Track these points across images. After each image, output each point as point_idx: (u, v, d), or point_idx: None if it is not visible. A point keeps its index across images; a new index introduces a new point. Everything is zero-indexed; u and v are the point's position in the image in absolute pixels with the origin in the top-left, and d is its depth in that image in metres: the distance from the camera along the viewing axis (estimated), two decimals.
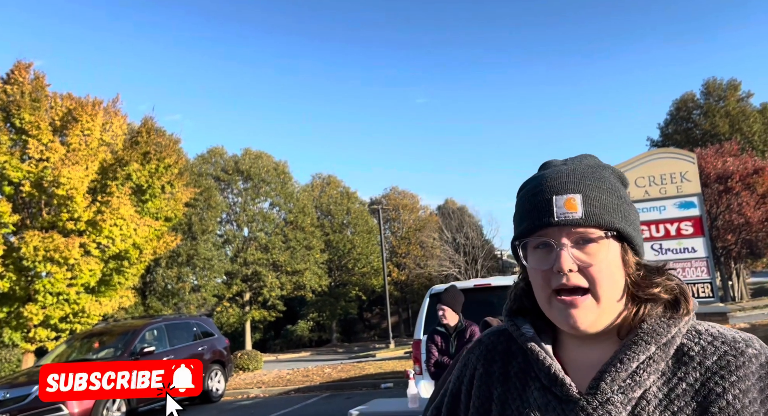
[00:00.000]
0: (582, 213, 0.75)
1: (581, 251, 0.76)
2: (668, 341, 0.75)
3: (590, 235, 0.76)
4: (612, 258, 0.76)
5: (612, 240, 0.77)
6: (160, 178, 16.49)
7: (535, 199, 0.79)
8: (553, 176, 0.80)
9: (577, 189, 0.77)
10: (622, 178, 0.85)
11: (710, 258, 10.85)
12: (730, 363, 0.72)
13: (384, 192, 43.26)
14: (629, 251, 0.79)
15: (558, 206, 0.76)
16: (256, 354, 18.23)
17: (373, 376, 13.19)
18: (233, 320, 32.35)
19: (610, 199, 0.78)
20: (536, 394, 0.80)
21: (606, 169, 0.83)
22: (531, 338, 0.83)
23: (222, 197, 33.17)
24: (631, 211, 0.80)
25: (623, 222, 0.77)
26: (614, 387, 0.74)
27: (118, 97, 17.07)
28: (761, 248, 28.29)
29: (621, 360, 0.74)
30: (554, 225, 0.76)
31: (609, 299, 0.76)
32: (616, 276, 0.77)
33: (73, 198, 14.37)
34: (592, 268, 0.75)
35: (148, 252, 16.17)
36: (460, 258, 33.20)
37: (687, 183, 11.17)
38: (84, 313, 14.95)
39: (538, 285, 0.79)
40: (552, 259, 0.76)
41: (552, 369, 0.79)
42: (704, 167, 24.09)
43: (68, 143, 15.19)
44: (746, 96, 34.10)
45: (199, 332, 12.04)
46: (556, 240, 0.76)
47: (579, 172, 0.80)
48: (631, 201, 0.84)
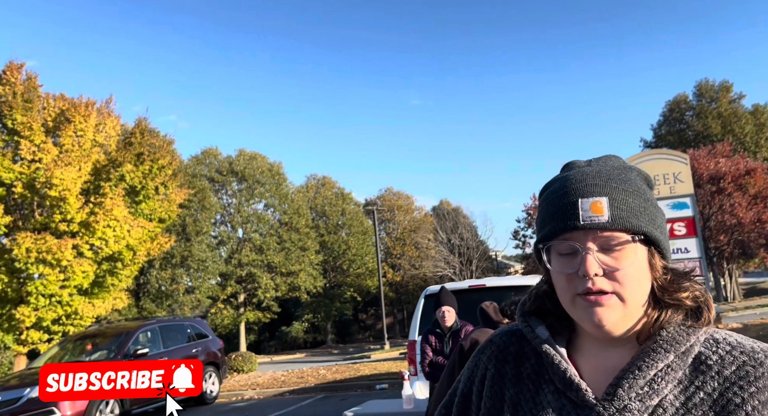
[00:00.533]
0: (608, 216, 0.73)
1: (607, 255, 0.74)
2: (687, 349, 0.74)
3: (617, 240, 0.74)
4: (639, 263, 0.75)
5: (639, 245, 0.75)
6: (153, 179, 16.41)
7: (560, 201, 0.77)
8: (578, 178, 0.78)
9: (603, 192, 0.75)
10: (648, 179, 0.83)
11: (703, 259, 10.93)
12: (750, 374, 0.71)
13: (379, 193, 43.31)
14: (656, 255, 0.77)
15: (584, 209, 0.74)
16: (250, 356, 18.16)
17: (368, 377, 13.17)
18: (227, 321, 32.24)
19: (636, 201, 0.76)
20: (550, 398, 0.79)
21: (632, 171, 0.81)
22: (546, 340, 0.81)
23: (216, 198, 33.07)
24: (657, 214, 0.78)
25: (650, 225, 0.76)
26: (632, 395, 0.73)
27: (112, 98, 17.01)
28: (753, 248, 28.49)
29: (639, 367, 0.73)
30: (580, 228, 0.74)
31: (635, 303, 0.75)
32: (643, 280, 0.75)
33: (66, 199, 14.28)
34: (619, 273, 0.73)
35: (142, 254, 16.09)
36: (455, 259, 33.25)
37: (680, 184, 11.26)
38: (77, 315, 14.85)
39: (562, 288, 0.77)
40: (577, 263, 0.74)
41: (567, 373, 0.77)
42: (697, 168, 24.26)
43: (61, 144, 15.10)
44: (738, 97, 34.39)
45: (193, 334, 11.99)
46: (581, 244, 0.74)
47: (605, 174, 0.78)
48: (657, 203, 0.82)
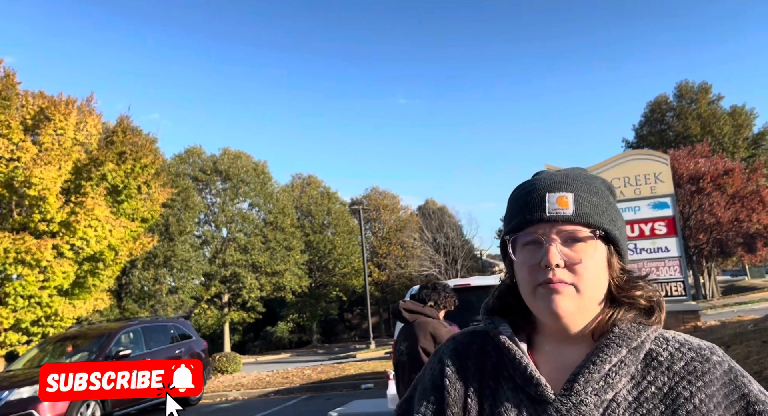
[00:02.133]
0: (573, 210, 0.78)
1: (569, 248, 0.77)
2: (638, 345, 0.78)
3: (579, 233, 0.78)
4: (598, 259, 0.78)
5: (600, 241, 0.78)
6: (136, 178, 16.20)
7: (528, 196, 0.81)
8: (546, 177, 0.83)
9: (569, 188, 0.80)
10: (611, 188, 0.87)
11: (683, 258, 11.11)
12: (697, 369, 0.75)
13: (365, 192, 43.28)
14: (615, 255, 0.81)
15: (550, 202, 0.78)
16: (234, 357, 18.03)
17: (353, 377, 13.17)
18: (211, 322, 31.95)
19: (599, 201, 0.80)
20: (509, 394, 0.80)
21: (596, 179, 0.86)
22: (509, 337, 0.84)
23: (200, 197, 32.73)
24: (618, 218, 0.82)
25: (611, 225, 0.80)
26: (588, 389, 0.75)
27: (93, 96, 16.74)
28: (731, 247, 29.08)
29: (594, 361, 0.76)
30: (545, 221, 0.78)
31: (591, 297, 0.78)
32: (601, 276, 0.79)
33: (46, 198, 14.03)
34: (579, 266, 0.77)
35: (124, 254, 15.88)
36: (441, 258, 33.38)
37: (660, 184, 11.43)
38: (57, 316, 14.59)
39: (524, 279, 0.80)
40: (540, 255, 0.77)
41: (528, 369, 0.79)
42: (677, 168, 24.68)
43: (40, 142, 14.82)
44: (717, 99, 35.04)
45: (176, 334, 11.86)
46: (546, 235, 0.78)
47: (572, 176, 0.83)
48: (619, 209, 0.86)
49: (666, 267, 11.05)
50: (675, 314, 10.67)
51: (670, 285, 10.98)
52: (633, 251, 11.29)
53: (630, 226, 11.38)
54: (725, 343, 7.24)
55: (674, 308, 10.74)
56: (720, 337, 8.21)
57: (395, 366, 3.40)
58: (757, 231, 27.07)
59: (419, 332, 3.23)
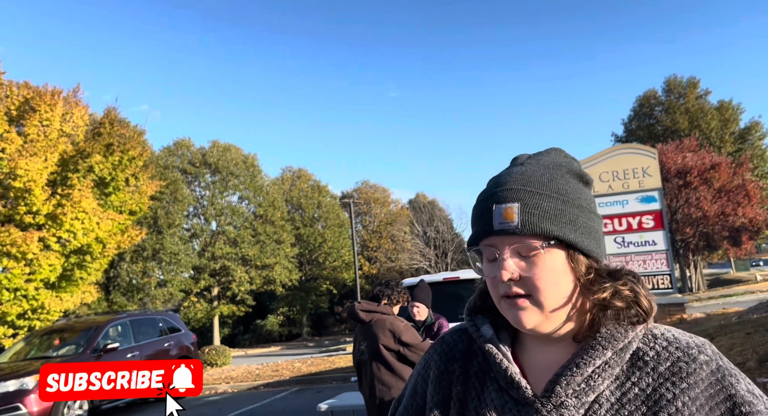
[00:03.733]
0: (518, 222, 0.75)
1: (522, 260, 0.76)
2: (625, 346, 0.76)
3: (528, 245, 0.75)
4: (554, 266, 0.76)
5: (554, 249, 0.75)
6: (124, 171, 16.03)
7: (479, 207, 0.80)
8: (499, 182, 0.80)
9: (516, 197, 0.76)
10: (582, 176, 0.82)
11: (670, 251, 11.25)
12: (682, 370, 0.73)
13: (355, 185, 43.22)
14: (577, 255, 0.77)
15: (497, 215, 0.76)
16: (224, 350, 17.99)
17: (343, 370, 13.20)
18: (201, 315, 31.83)
19: (552, 205, 0.76)
20: (494, 395, 0.81)
21: (561, 168, 0.81)
22: (489, 339, 0.84)
23: (189, 190, 32.49)
24: (580, 214, 0.77)
25: (566, 227, 0.75)
26: (569, 391, 0.75)
27: (79, 87, 16.48)
28: (717, 241, 29.44)
29: (577, 364, 0.75)
30: (494, 234, 0.77)
31: (552, 306, 0.76)
32: (561, 283, 0.76)
33: (31, 190, 13.84)
34: (532, 278, 0.75)
35: (112, 247, 15.73)
36: (431, 251, 33.50)
37: (648, 178, 11.54)
38: (43, 309, 14.46)
39: (490, 290, 0.81)
40: (496, 269, 0.77)
41: (508, 371, 0.79)
42: (665, 162, 24.91)
43: (25, 133, 14.59)
44: (704, 93, 35.32)
45: (165, 328, 11.80)
46: (499, 249, 0.77)
47: (526, 176, 0.79)
48: (590, 199, 0.81)
49: (653, 260, 11.18)
50: (661, 306, 10.81)
51: (657, 278, 11.11)
52: (621, 244, 11.40)
53: (618, 220, 11.48)
54: (710, 335, 7.35)
55: (661, 301, 10.88)
56: (705, 329, 8.33)
57: (357, 365, 3.42)
58: (743, 225, 27.45)
59: (378, 330, 3.26)
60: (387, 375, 3.22)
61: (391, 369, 3.22)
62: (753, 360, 5.39)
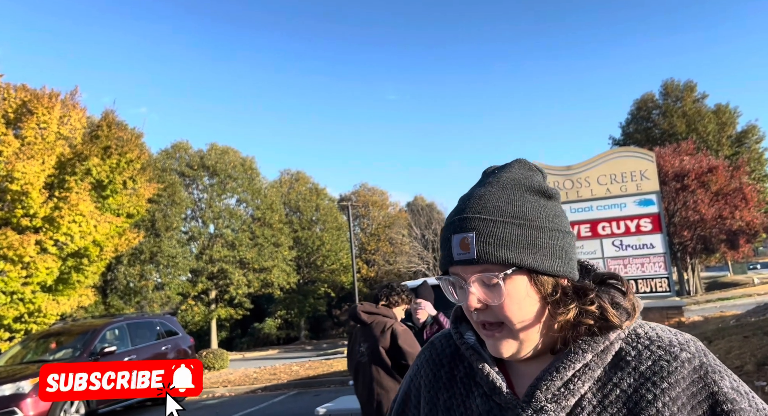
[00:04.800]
0: (475, 253, 0.74)
1: (484, 288, 0.75)
2: (606, 348, 0.75)
3: (487, 274, 0.74)
4: (516, 293, 0.75)
5: (514, 276, 0.74)
6: (121, 173, 16.00)
7: (442, 235, 0.80)
8: (458, 209, 0.78)
9: (471, 226, 0.75)
10: (543, 190, 0.79)
11: (667, 254, 11.27)
12: (664, 369, 0.72)
13: (353, 188, 43.23)
14: (540, 277, 0.75)
15: (454, 246, 0.76)
16: (221, 353, 17.94)
17: (341, 373, 13.17)
18: (198, 318, 31.74)
19: (508, 231, 0.74)
20: (479, 401, 0.81)
21: (520, 187, 0.78)
22: (472, 346, 0.84)
23: (187, 193, 32.46)
24: (540, 235, 0.75)
25: (524, 252, 0.74)
26: (548, 396, 0.75)
27: (77, 90, 16.46)
28: (714, 244, 29.50)
29: (557, 368, 0.75)
30: (455, 264, 0.76)
31: (524, 329, 0.76)
32: (526, 307, 0.75)
33: (29, 193, 13.80)
34: (496, 307, 0.75)
35: (109, 250, 15.69)
36: (429, 254, 33.49)
37: (646, 181, 11.56)
38: (40, 313, 14.39)
39: (467, 315, 0.80)
40: (463, 298, 0.77)
41: (490, 377, 0.80)
42: (662, 165, 24.97)
43: (23, 136, 14.56)
44: (702, 97, 35.45)
45: (162, 331, 11.76)
46: (464, 278, 0.76)
47: (484, 200, 0.76)
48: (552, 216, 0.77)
49: (651, 263, 11.19)
50: (659, 310, 10.82)
51: (655, 281, 11.12)
52: (619, 247, 11.41)
53: (616, 223, 11.49)
54: (708, 338, 7.35)
55: (658, 304, 10.89)
56: (703, 332, 8.34)
57: (355, 367, 3.40)
58: (740, 228, 27.51)
59: (378, 332, 3.26)
60: (386, 378, 3.20)
61: (390, 372, 3.21)
62: (751, 363, 5.39)
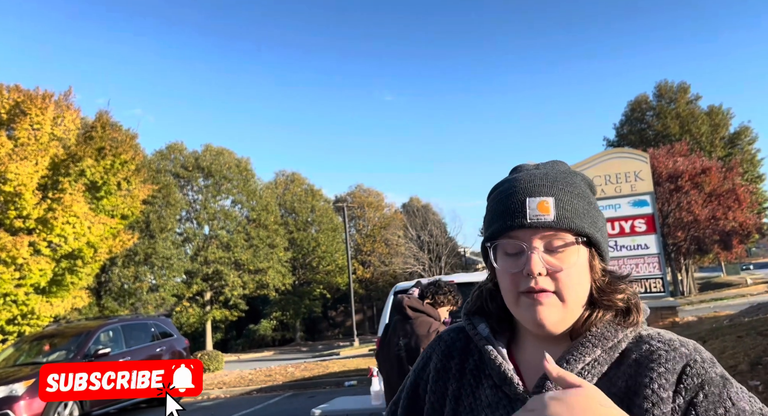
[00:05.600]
0: (554, 216, 0.75)
1: (551, 256, 0.76)
2: (614, 345, 0.77)
3: (561, 239, 0.76)
4: (581, 263, 0.77)
5: (581, 246, 0.77)
6: (115, 175, 15.94)
7: (508, 200, 0.79)
8: (526, 179, 0.80)
9: (550, 192, 0.77)
10: (591, 185, 0.85)
11: (662, 255, 11.31)
12: (660, 357, 0.74)
13: (349, 189, 43.20)
14: (596, 257, 0.79)
15: (531, 208, 0.76)
16: (216, 355, 17.89)
17: (336, 375, 13.15)
18: (193, 320, 31.63)
19: (581, 204, 0.78)
20: (488, 392, 0.82)
21: (576, 176, 0.83)
22: (485, 337, 0.85)
23: (181, 194, 32.33)
24: (599, 218, 0.81)
25: (592, 227, 0.78)
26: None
27: (71, 90, 16.39)
28: (708, 244, 29.66)
29: (567, 360, 0.76)
30: (526, 227, 0.76)
31: (575, 303, 0.77)
32: (583, 281, 0.78)
33: (22, 194, 13.73)
34: (561, 273, 0.75)
35: (103, 251, 15.61)
36: (425, 255, 33.52)
37: (640, 182, 11.61)
38: (33, 315, 14.30)
39: (507, 287, 0.79)
40: (522, 262, 0.76)
41: (502, 367, 0.80)
42: (656, 166, 25.10)
43: (16, 137, 14.49)
44: (695, 98, 35.68)
45: (157, 332, 11.71)
46: (527, 242, 0.76)
47: (552, 177, 0.80)
48: (599, 207, 0.84)
49: (645, 263, 11.23)
50: (654, 310, 10.86)
51: (649, 281, 11.17)
52: (613, 248, 11.45)
53: (611, 224, 11.53)
54: (702, 338, 7.39)
55: (653, 304, 10.93)
56: (697, 332, 8.38)
57: (389, 359, 3.30)
58: (733, 229, 27.68)
59: (422, 331, 3.19)
60: None
61: None
62: (744, 363, 5.43)
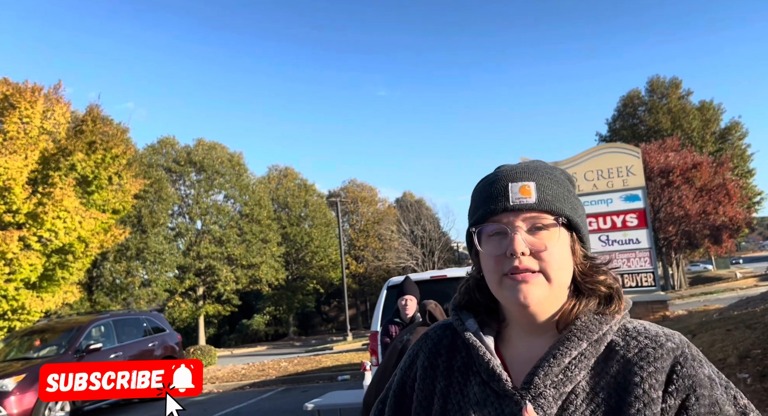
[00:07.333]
0: (536, 199, 0.79)
1: (534, 236, 0.78)
2: (599, 338, 0.78)
3: (543, 221, 0.79)
4: (562, 245, 0.79)
5: (562, 229, 0.80)
6: (107, 169, 15.80)
7: (491, 187, 0.82)
8: (508, 168, 0.84)
9: (531, 177, 0.81)
10: (570, 178, 0.88)
11: (653, 249, 11.39)
12: (650, 355, 0.76)
13: (342, 184, 43.16)
14: (578, 241, 0.82)
15: (513, 192, 0.80)
16: (209, 350, 17.86)
17: (329, 369, 13.17)
18: (186, 315, 31.52)
19: (561, 190, 0.82)
20: (476, 389, 0.82)
21: (556, 169, 0.87)
22: (474, 333, 0.85)
23: (173, 189, 32.14)
24: (578, 206, 0.84)
25: (573, 212, 0.81)
26: (547, 382, 0.76)
27: (60, 84, 16.19)
28: (698, 239, 29.94)
29: (554, 355, 0.77)
30: (509, 210, 0.79)
31: (559, 283, 0.79)
32: (566, 262, 0.80)
33: (11, 189, 13.58)
34: (544, 253, 0.77)
35: (95, 246, 15.50)
36: (418, 250, 33.59)
37: (632, 177, 11.67)
38: (24, 310, 14.19)
39: (491, 269, 0.80)
40: (506, 244, 0.78)
41: (491, 364, 0.81)
42: (648, 161, 25.25)
43: (5, 131, 14.31)
44: (686, 94, 35.86)
45: (149, 327, 11.67)
46: (510, 225, 0.79)
47: (532, 166, 0.84)
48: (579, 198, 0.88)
49: (637, 258, 11.31)
50: (644, 304, 10.95)
51: (640, 275, 11.25)
52: (606, 242, 11.53)
53: (602, 218, 11.61)
54: (691, 332, 7.46)
55: (644, 298, 11.02)
56: (687, 326, 8.46)
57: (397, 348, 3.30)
58: (723, 224, 27.94)
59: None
60: None
61: None
62: (733, 356, 5.49)
